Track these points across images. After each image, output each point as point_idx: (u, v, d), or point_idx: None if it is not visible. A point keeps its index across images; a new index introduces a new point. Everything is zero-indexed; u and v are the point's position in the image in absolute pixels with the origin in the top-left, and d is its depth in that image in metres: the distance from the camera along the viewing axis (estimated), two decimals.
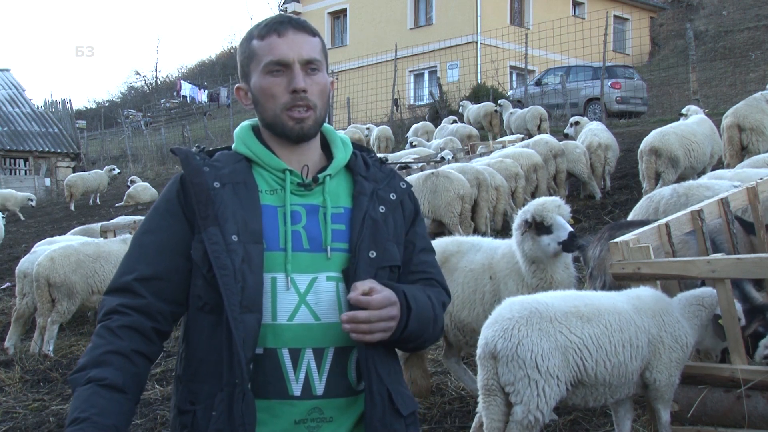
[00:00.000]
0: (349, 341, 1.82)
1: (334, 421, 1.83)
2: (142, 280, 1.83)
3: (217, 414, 1.76)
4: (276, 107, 1.88)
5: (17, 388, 6.38)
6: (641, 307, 3.41)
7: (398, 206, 1.98)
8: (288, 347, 1.81)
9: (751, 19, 29.87)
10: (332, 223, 1.88)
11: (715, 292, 3.48)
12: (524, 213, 4.37)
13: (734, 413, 3.44)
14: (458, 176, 9.11)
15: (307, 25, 1.94)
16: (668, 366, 3.39)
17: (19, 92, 32.04)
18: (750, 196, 4.75)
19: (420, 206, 2.27)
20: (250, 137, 1.95)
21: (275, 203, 1.87)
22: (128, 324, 1.80)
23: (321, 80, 1.90)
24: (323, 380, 1.82)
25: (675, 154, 9.09)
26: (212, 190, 1.83)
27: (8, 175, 27.85)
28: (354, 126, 21.11)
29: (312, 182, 1.91)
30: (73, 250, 7.44)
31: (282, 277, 1.82)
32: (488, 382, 3.28)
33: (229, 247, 1.78)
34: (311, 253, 1.85)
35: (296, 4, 34.07)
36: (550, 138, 11.52)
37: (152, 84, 56.28)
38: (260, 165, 1.92)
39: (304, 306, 1.82)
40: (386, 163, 2.11)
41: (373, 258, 1.87)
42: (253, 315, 1.77)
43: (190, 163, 1.88)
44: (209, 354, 1.81)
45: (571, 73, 21.96)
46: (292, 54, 1.86)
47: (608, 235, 4.58)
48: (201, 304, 1.83)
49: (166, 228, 1.87)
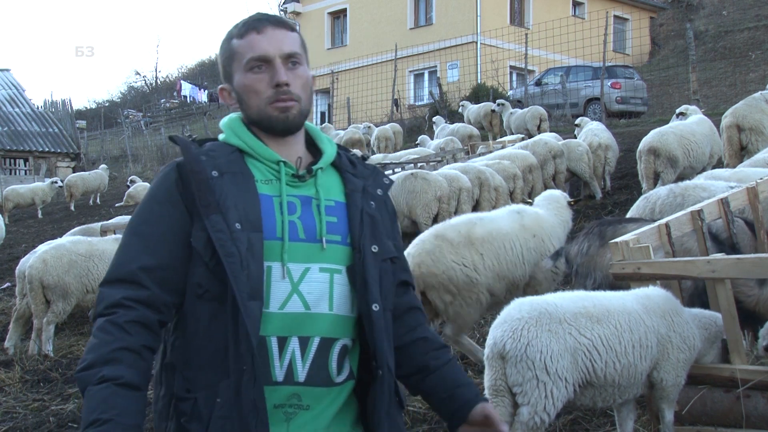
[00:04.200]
0: (334, 333, 1.86)
1: (311, 409, 1.84)
2: (146, 270, 1.80)
3: (222, 401, 1.76)
4: (260, 102, 1.90)
5: (17, 388, 6.38)
6: (650, 306, 3.41)
7: (384, 202, 2.03)
8: (277, 335, 1.82)
9: (751, 19, 29.87)
10: (326, 215, 1.90)
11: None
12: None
13: (734, 413, 3.44)
14: (436, 178, 9.18)
15: (285, 21, 1.97)
16: (675, 366, 3.39)
17: (19, 92, 32.03)
18: (750, 196, 4.75)
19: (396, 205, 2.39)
20: (241, 128, 1.96)
21: (271, 193, 1.88)
22: (135, 319, 1.77)
23: (303, 73, 1.93)
24: (306, 368, 1.83)
25: (674, 154, 9.09)
26: (211, 179, 1.83)
27: (8, 175, 27.84)
28: (354, 126, 21.13)
29: (306, 173, 1.93)
30: (65, 250, 7.38)
31: (278, 266, 1.83)
32: (496, 383, 3.27)
33: (233, 235, 1.78)
34: (306, 243, 1.86)
35: (296, 4, 34.05)
36: (549, 138, 11.51)
37: (152, 84, 56.25)
38: (253, 156, 1.92)
39: (296, 295, 1.84)
40: (368, 159, 2.17)
41: (376, 252, 1.91)
42: (256, 303, 1.78)
43: (189, 151, 1.88)
44: (208, 342, 1.80)
45: (571, 73, 21.96)
46: (273, 49, 1.89)
47: (598, 230, 4.57)
48: (201, 292, 1.81)
49: (167, 216, 1.84)
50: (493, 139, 16.74)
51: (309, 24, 33.68)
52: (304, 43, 1.99)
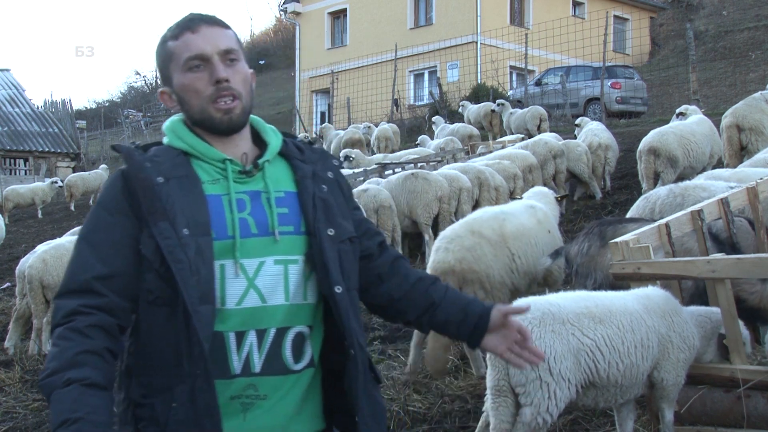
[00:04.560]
0: (289, 322, 1.89)
1: (268, 398, 1.87)
2: (101, 278, 1.81)
3: (177, 405, 1.78)
4: (201, 101, 1.90)
5: (17, 388, 6.38)
6: (651, 306, 3.41)
7: (336, 183, 2.05)
8: (235, 330, 1.84)
9: (751, 19, 29.85)
10: (276, 207, 1.92)
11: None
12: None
13: (734, 413, 3.44)
14: (437, 178, 9.18)
15: (218, 19, 1.97)
16: (676, 366, 3.39)
17: (19, 92, 32.04)
18: (750, 196, 4.75)
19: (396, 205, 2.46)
20: (184, 130, 1.96)
21: (219, 192, 1.89)
22: (94, 323, 1.77)
23: (242, 69, 1.94)
24: (262, 358, 1.86)
25: (674, 154, 9.08)
26: (157, 185, 1.84)
27: (8, 175, 27.84)
28: (354, 126, 21.12)
29: (253, 168, 1.94)
30: (64, 249, 7.37)
31: (231, 263, 1.84)
32: (499, 383, 3.26)
33: (182, 241, 1.79)
34: (259, 238, 1.88)
35: (296, 4, 34.02)
36: (549, 138, 11.50)
37: (152, 84, 56.15)
38: (198, 157, 1.93)
39: (252, 290, 1.86)
40: (315, 144, 2.19)
41: (333, 235, 1.94)
42: (207, 306, 1.79)
43: (133, 159, 1.89)
44: (162, 347, 1.82)
45: (571, 73, 21.96)
46: (209, 47, 1.89)
47: (598, 230, 4.56)
48: (153, 298, 1.83)
49: (116, 225, 1.85)
50: (493, 139, 16.74)
51: (309, 24, 33.67)
52: (239, 40, 1.99)
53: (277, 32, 52.01)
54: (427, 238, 9.16)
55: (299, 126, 28.57)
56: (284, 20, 41.00)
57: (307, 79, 33.09)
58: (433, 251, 5.59)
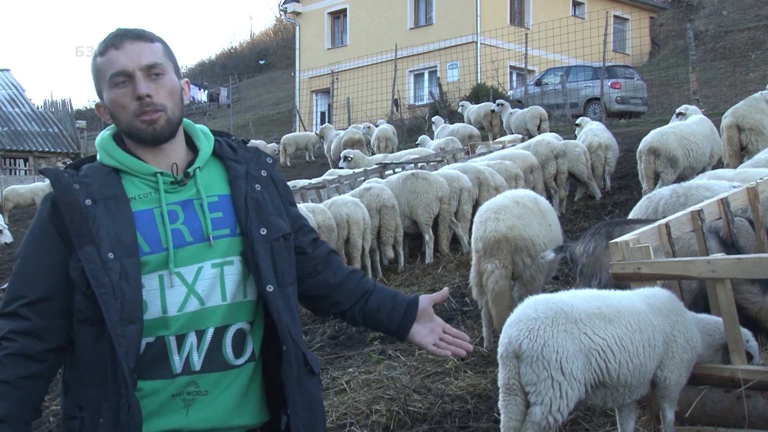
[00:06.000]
0: (227, 321, 1.96)
1: (209, 394, 1.94)
2: (28, 304, 1.88)
3: (104, 421, 1.84)
4: (128, 116, 1.95)
5: None
6: (656, 306, 3.42)
7: (270, 181, 2.10)
8: (176, 334, 1.91)
9: (751, 19, 29.85)
10: (210, 212, 1.97)
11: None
12: None
13: (734, 413, 3.44)
14: (437, 178, 9.18)
15: (145, 33, 2.00)
16: (679, 366, 3.40)
17: (19, 92, 32.02)
18: (750, 196, 4.74)
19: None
20: (113, 147, 2.00)
21: (150, 205, 1.94)
22: (14, 351, 1.85)
23: (167, 82, 1.97)
24: (202, 357, 1.93)
25: (674, 154, 9.08)
26: (84, 208, 1.88)
27: (8, 175, 27.83)
28: (354, 126, 21.12)
29: (184, 177, 1.98)
30: None
31: (167, 274, 1.90)
32: (509, 381, 3.25)
33: (105, 266, 1.84)
34: (195, 245, 1.94)
35: (296, 4, 34.02)
36: (551, 138, 11.48)
37: None
38: (129, 173, 1.97)
39: (192, 295, 1.92)
40: (248, 142, 2.24)
41: (265, 234, 1.99)
42: (134, 326, 1.85)
43: (60, 183, 1.93)
44: (94, 362, 1.88)
45: (571, 73, 21.97)
46: (131, 63, 1.93)
47: (605, 231, 4.55)
48: (83, 317, 1.89)
49: (44, 250, 1.92)
50: (493, 139, 16.74)
51: (309, 24, 33.67)
52: (169, 51, 2.02)
53: (277, 32, 52.05)
54: (427, 238, 9.16)
55: (299, 126, 28.58)
56: (284, 20, 41.07)
57: (307, 79, 33.09)
58: (478, 223, 5.79)
